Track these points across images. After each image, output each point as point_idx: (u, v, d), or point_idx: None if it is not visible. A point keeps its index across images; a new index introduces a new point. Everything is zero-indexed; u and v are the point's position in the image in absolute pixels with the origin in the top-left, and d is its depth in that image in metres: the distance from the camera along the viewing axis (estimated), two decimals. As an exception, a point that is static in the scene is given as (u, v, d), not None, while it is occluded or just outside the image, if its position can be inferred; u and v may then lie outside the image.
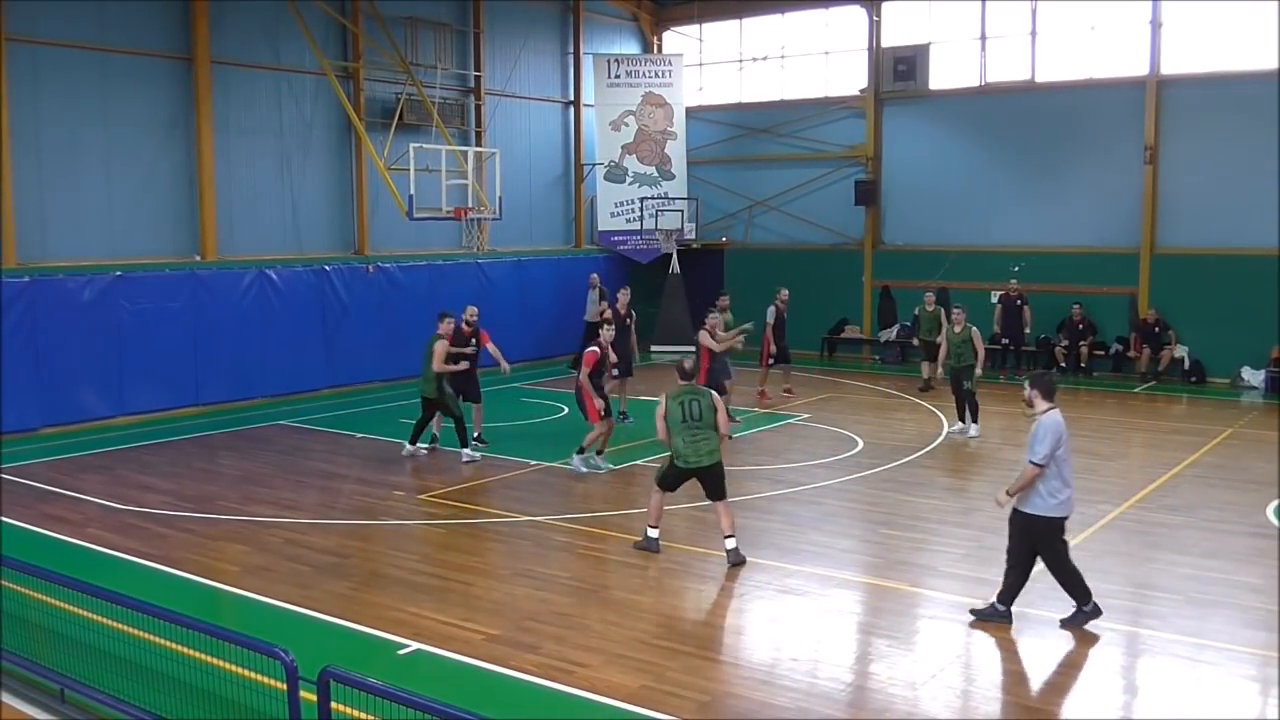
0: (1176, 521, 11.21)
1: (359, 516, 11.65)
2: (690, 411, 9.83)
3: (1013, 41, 22.69)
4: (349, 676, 5.24)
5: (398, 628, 8.28)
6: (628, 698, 7.02)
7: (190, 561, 10.03)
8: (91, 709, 6.76)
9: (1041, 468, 7.81)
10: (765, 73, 26.25)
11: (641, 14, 27.28)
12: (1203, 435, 15.64)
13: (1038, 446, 7.81)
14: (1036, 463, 7.81)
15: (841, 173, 24.85)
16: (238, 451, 15.06)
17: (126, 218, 17.68)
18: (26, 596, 7.81)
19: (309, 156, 20.29)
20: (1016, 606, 8.64)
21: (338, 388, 19.81)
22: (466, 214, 19.60)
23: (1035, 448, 7.84)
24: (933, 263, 23.41)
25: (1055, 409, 8.00)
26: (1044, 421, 7.89)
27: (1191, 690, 7.28)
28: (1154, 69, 21.04)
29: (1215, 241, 20.55)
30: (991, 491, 12.29)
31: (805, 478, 13.20)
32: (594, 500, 12.38)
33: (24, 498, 12.34)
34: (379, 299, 20.50)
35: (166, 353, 17.47)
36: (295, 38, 19.42)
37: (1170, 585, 9.28)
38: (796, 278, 24.78)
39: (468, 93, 23.08)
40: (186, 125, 18.34)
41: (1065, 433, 7.93)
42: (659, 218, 25.00)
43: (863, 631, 8.40)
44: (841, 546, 10.57)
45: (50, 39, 16.55)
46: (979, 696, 7.19)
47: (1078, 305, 21.43)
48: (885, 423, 16.78)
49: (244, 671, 6.17)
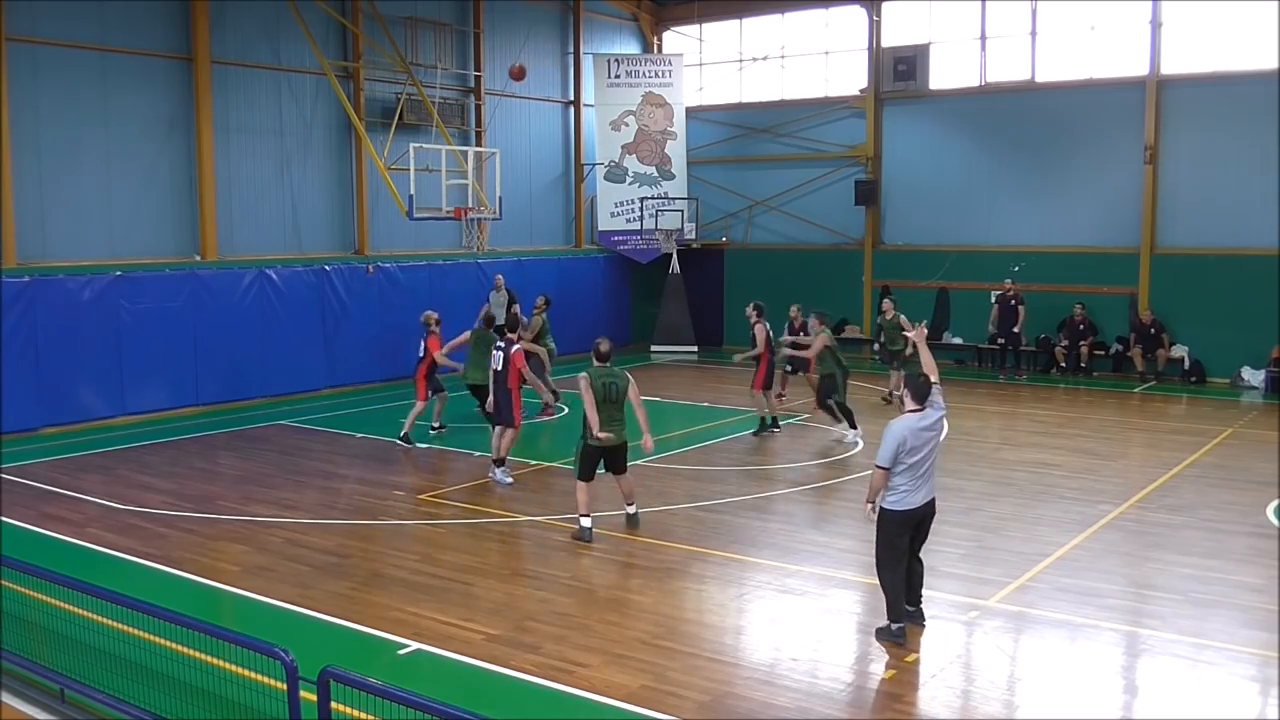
0: (1176, 521, 11.21)
1: (359, 516, 11.65)
2: (610, 392, 10.41)
3: (1013, 41, 22.70)
4: (349, 676, 5.24)
5: (398, 628, 8.28)
6: (628, 698, 7.02)
7: (190, 561, 10.03)
8: (91, 709, 6.76)
9: (885, 470, 7.87)
10: (765, 73, 26.25)
11: (641, 14, 27.28)
12: (1203, 435, 15.64)
13: (881, 450, 7.91)
14: (881, 466, 7.89)
15: (841, 173, 24.85)
16: (238, 451, 15.06)
17: (126, 218, 17.68)
18: (26, 596, 7.81)
19: (309, 156, 20.30)
20: (1016, 606, 8.66)
21: (338, 388, 19.82)
22: (466, 214, 19.61)
23: (880, 450, 7.95)
24: (933, 263, 23.42)
25: (918, 411, 7.95)
26: (890, 425, 7.99)
27: (1191, 690, 7.28)
28: (1154, 69, 21.04)
29: (1215, 241, 20.55)
30: (990, 492, 12.38)
31: (805, 478, 13.20)
32: (594, 500, 12.35)
33: (24, 498, 12.34)
34: (379, 299, 20.50)
35: (166, 353, 17.48)
36: (295, 38, 19.43)
37: (1170, 585, 9.28)
38: (796, 278, 24.91)
39: (468, 93, 23.09)
40: (186, 125, 18.35)
41: (921, 433, 7.86)
42: (659, 218, 25.03)
43: (863, 631, 8.39)
44: (841, 546, 10.56)
45: (50, 39, 16.55)
46: (979, 696, 7.18)
47: (1080, 305, 21.43)
48: (885, 422, 16.71)
49: (244, 671, 6.17)
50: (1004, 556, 9.92)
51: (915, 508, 7.94)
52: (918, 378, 8.14)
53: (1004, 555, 9.96)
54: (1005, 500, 11.99)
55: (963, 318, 22.91)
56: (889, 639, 7.94)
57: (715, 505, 12.02)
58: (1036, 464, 13.86)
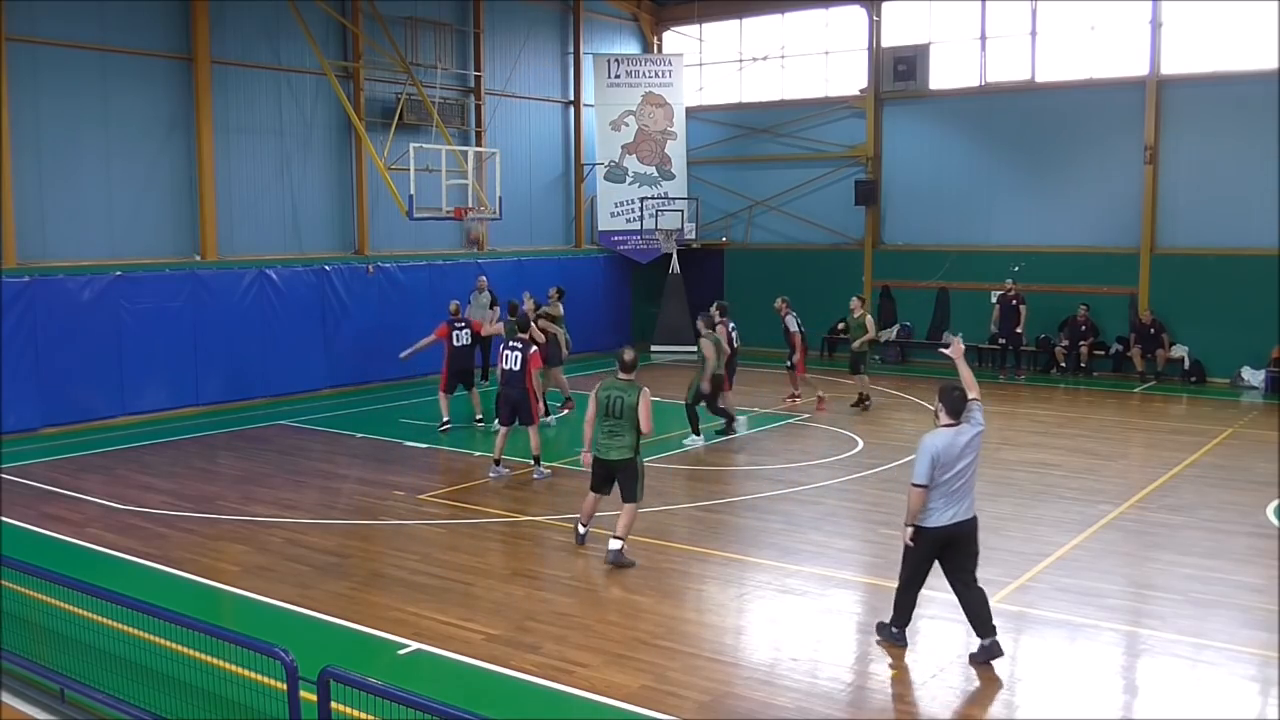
0: (1176, 521, 11.21)
1: (359, 516, 11.65)
2: (612, 408, 9.84)
3: (1013, 41, 22.70)
4: (349, 676, 5.24)
5: (398, 628, 8.28)
6: (628, 698, 7.02)
7: (190, 561, 10.03)
8: (91, 709, 6.76)
9: (922, 488, 7.48)
10: (765, 73, 26.25)
11: (641, 14, 27.28)
12: (1203, 435, 15.64)
13: (916, 467, 7.54)
14: (916, 484, 7.51)
15: (841, 173, 24.85)
16: (238, 451, 15.06)
17: (126, 218, 17.68)
18: (26, 596, 7.81)
19: (309, 156, 20.30)
20: (1016, 606, 8.67)
21: (338, 388, 19.82)
22: (466, 214, 19.61)
23: (915, 468, 7.56)
24: (933, 263, 23.42)
25: (954, 426, 7.60)
26: (924, 440, 7.59)
27: (1191, 690, 7.28)
28: (1154, 69, 21.04)
29: (1215, 241, 20.55)
30: (990, 493, 12.36)
31: (805, 478, 13.20)
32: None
33: (24, 498, 12.34)
34: (379, 299, 20.50)
35: (166, 353, 17.47)
36: (295, 38, 19.43)
37: (1170, 585, 9.28)
38: (796, 278, 24.91)
39: (468, 93, 23.08)
40: (186, 125, 18.34)
41: (955, 448, 7.53)
42: (659, 218, 25.02)
43: (863, 631, 8.39)
44: (841, 546, 10.57)
45: (50, 39, 16.55)
46: (979, 696, 7.19)
47: (1084, 306, 21.42)
48: (885, 422, 16.78)
49: (244, 671, 6.17)
50: (1004, 556, 9.91)
51: (942, 525, 7.53)
52: (953, 391, 7.67)
53: (1004, 555, 9.96)
54: (1005, 500, 11.99)
55: (963, 318, 22.90)
56: (889, 639, 7.93)
57: (715, 505, 12.02)
58: (1036, 464, 13.86)
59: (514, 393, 13.00)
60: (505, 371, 13.12)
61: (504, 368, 13.16)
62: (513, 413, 13.10)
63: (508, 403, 13.12)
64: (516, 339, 13.20)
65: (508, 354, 13.12)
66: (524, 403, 12.95)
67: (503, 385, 13.22)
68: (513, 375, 12.98)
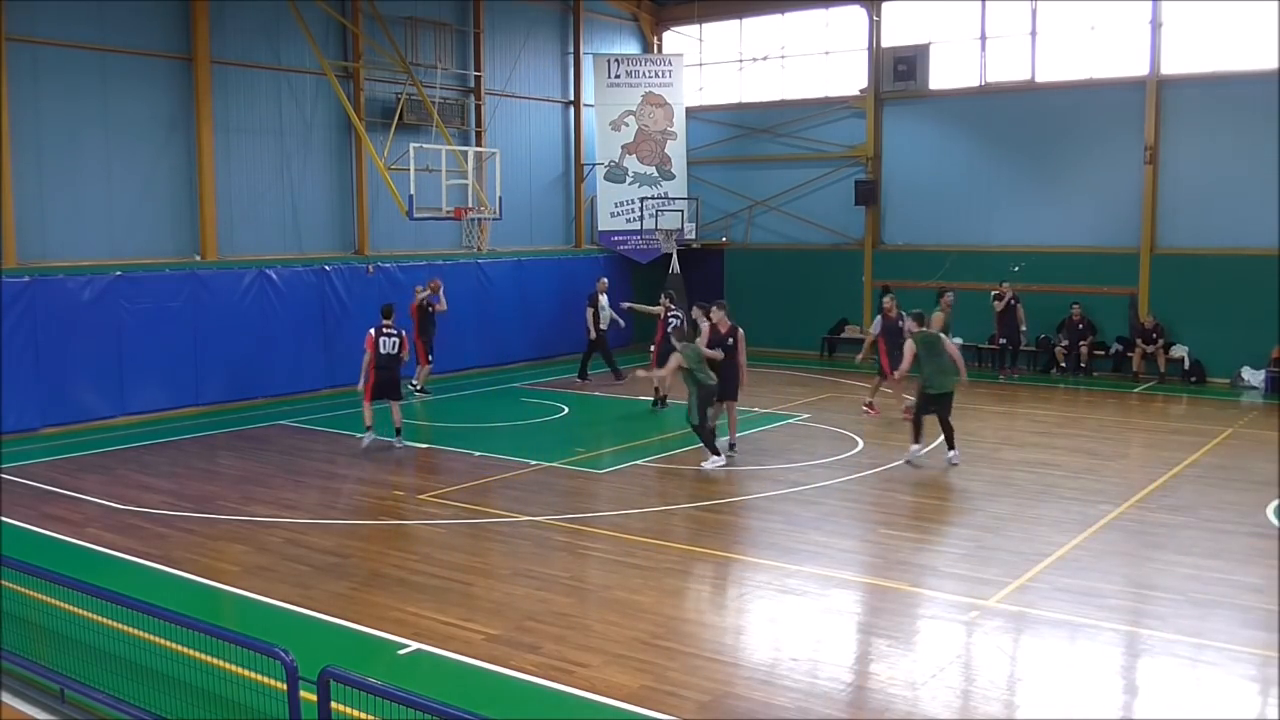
0: (1176, 521, 11.20)
1: (359, 516, 11.65)
2: None
3: (1013, 41, 22.69)
4: (349, 676, 5.23)
5: (398, 628, 8.27)
6: (628, 698, 7.02)
7: (190, 561, 10.03)
8: (91, 709, 6.76)
9: None
10: (765, 73, 26.24)
11: (641, 14, 27.28)
12: (1203, 435, 15.64)
13: None
14: None
15: (841, 173, 24.85)
16: (238, 451, 15.06)
17: (126, 218, 17.68)
18: (26, 596, 7.81)
19: (309, 156, 20.29)
20: (1016, 606, 8.68)
21: (338, 388, 19.78)
22: (466, 214, 19.60)
23: None
24: (933, 263, 23.41)
25: None
26: None
27: (1191, 690, 7.28)
28: (1154, 69, 21.03)
29: (1215, 241, 20.55)
30: (990, 492, 12.38)
31: (805, 478, 13.19)
32: (594, 500, 12.39)
33: (24, 498, 12.34)
34: (379, 299, 20.38)
35: (166, 353, 17.47)
36: (295, 38, 19.43)
37: (1170, 585, 9.28)
38: (796, 278, 24.93)
39: (468, 93, 23.08)
40: (186, 125, 18.34)
41: None
42: (659, 218, 25.00)
43: (863, 631, 8.39)
44: (841, 546, 10.56)
45: (50, 39, 16.55)
46: (979, 696, 7.18)
47: (1076, 305, 21.44)
48: (885, 422, 16.76)
49: (244, 671, 6.17)
50: (1004, 556, 9.92)
51: None
52: None
53: (1004, 555, 9.96)
54: (1005, 500, 11.99)
55: (963, 318, 22.86)
56: None
57: (715, 505, 12.02)
58: (1036, 464, 13.86)
59: (391, 374, 14.90)
60: (385, 355, 14.80)
61: (383, 351, 14.81)
62: (387, 389, 14.94)
63: (386, 382, 14.89)
64: (391, 328, 14.98)
65: (384, 340, 14.83)
66: (396, 382, 15.03)
67: (381, 368, 14.78)
68: (391, 358, 14.84)
